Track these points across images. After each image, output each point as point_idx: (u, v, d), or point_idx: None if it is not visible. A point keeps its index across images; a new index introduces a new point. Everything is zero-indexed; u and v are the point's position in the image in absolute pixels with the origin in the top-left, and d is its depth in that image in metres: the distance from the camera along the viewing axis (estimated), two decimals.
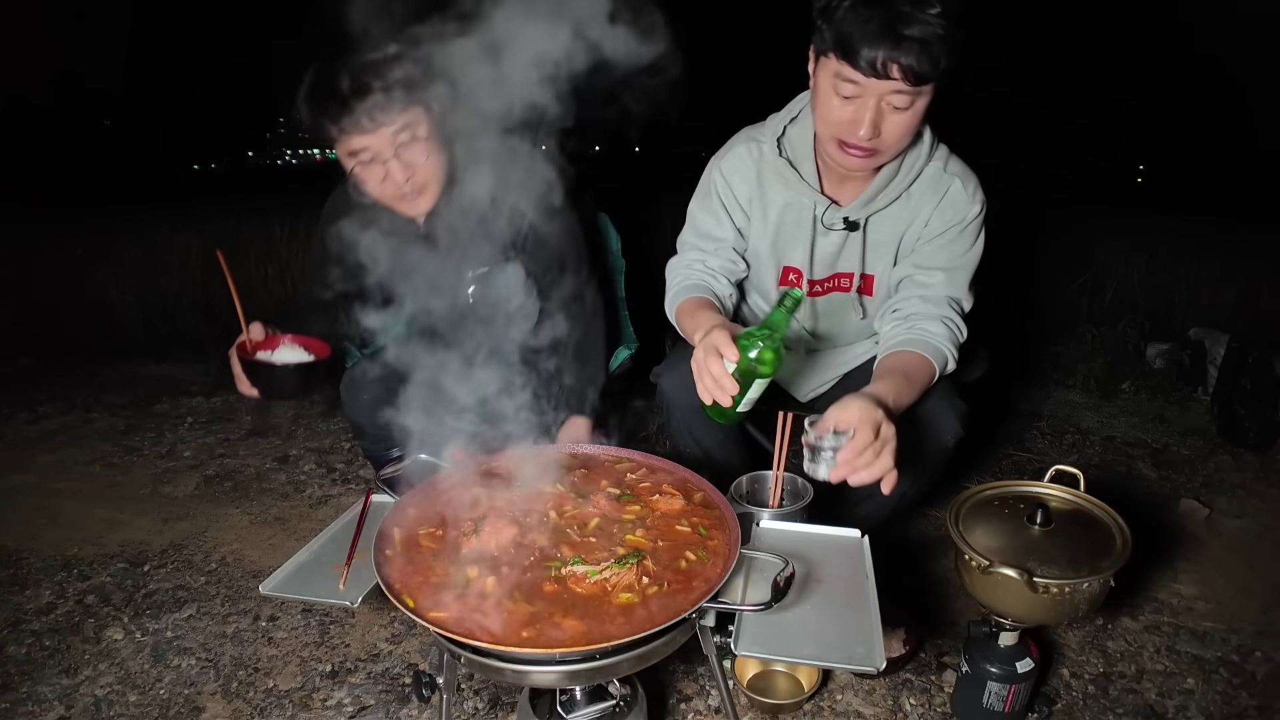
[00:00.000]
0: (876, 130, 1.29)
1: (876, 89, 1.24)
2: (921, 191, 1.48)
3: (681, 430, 1.63)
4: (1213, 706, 1.47)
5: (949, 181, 1.47)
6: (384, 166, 1.47)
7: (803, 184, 1.49)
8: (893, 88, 1.23)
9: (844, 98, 1.28)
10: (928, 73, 1.21)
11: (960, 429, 1.48)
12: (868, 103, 1.26)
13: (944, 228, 1.48)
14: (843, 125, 1.31)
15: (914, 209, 1.49)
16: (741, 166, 1.55)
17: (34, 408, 3.09)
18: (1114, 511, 1.26)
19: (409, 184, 1.50)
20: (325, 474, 2.49)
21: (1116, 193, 9.37)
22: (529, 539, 1.09)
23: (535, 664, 0.93)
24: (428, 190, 1.54)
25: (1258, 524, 2.12)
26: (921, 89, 1.24)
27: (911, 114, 1.28)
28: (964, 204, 1.47)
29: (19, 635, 1.70)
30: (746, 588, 1.10)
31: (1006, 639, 1.31)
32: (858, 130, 1.28)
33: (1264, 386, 2.52)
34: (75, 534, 2.13)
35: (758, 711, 1.45)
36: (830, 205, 1.49)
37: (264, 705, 1.48)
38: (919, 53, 1.18)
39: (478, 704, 1.46)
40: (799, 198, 1.51)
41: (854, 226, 1.49)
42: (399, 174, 1.48)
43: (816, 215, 1.50)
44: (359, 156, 1.46)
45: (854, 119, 1.29)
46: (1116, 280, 3.88)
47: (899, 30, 1.18)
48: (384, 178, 1.49)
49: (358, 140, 1.44)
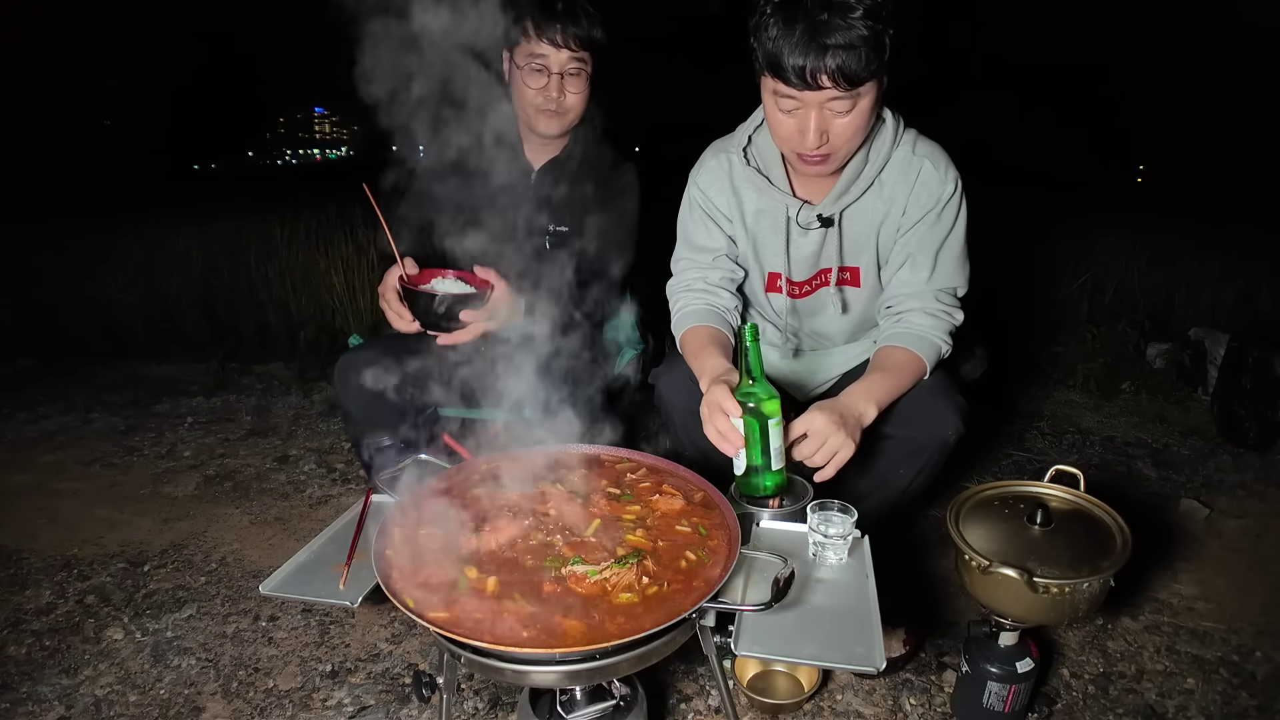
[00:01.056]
0: (824, 137, 1.31)
1: (814, 99, 1.27)
2: (893, 178, 1.48)
3: (679, 431, 1.63)
4: (1213, 706, 1.47)
5: (919, 164, 1.46)
6: (549, 78, 1.69)
7: (773, 189, 1.51)
8: (828, 95, 1.26)
9: (786, 112, 1.32)
10: (857, 75, 1.22)
11: (961, 425, 1.48)
12: (809, 113, 1.29)
13: (922, 213, 1.47)
14: (792, 138, 1.34)
15: (888, 197, 1.49)
16: (716, 179, 1.59)
17: (34, 408, 3.09)
18: (1114, 511, 1.26)
19: (558, 102, 1.71)
20: (325, 474, 2.49)
21: (1116, 193, 9.37)
22: (529, 539, 1.09)
23: (535, 664, 0.93)
24: (567, 115, 1.75)
25: (1258, 524, 2.12)
26: (858, 90, 1.26)
27: (856, 114, 1.30)
28: (937, 184, 1.46)
29: (19, 635, 1.70)
30: (746, 588, 1.10)
31: (1006, 639, 1.31)
32: (805, 140, 1.32)
33: (1264, 386, 2.53)
34: (75, 534, 2.13)
35: (758, 711, 1.45)
36: (803, 205, 1.50)
37: (264, 705, 1.48)
38: (845, 58, 1.20)
39: (478, 704, 1.46)
40: (772, 202, 1.53)
41: (829, 223, 1.50)
42: (555, 89, 1.70)
43: (790, 217, 1.52)
44: (535, 61, 1.67)
45: (800, 129, 1.32)
46: (1116, 280, 3.88)
47: (821, 40, 1.20)
48: (544, 85, 1.69)
49: (545, 48, 1.66)
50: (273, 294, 4.14)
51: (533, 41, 1.66)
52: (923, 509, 2.08)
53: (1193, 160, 12.06)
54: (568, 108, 1.74)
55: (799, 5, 1.22)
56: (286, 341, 3.83)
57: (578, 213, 1.81)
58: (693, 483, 1.25)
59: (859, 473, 1.63)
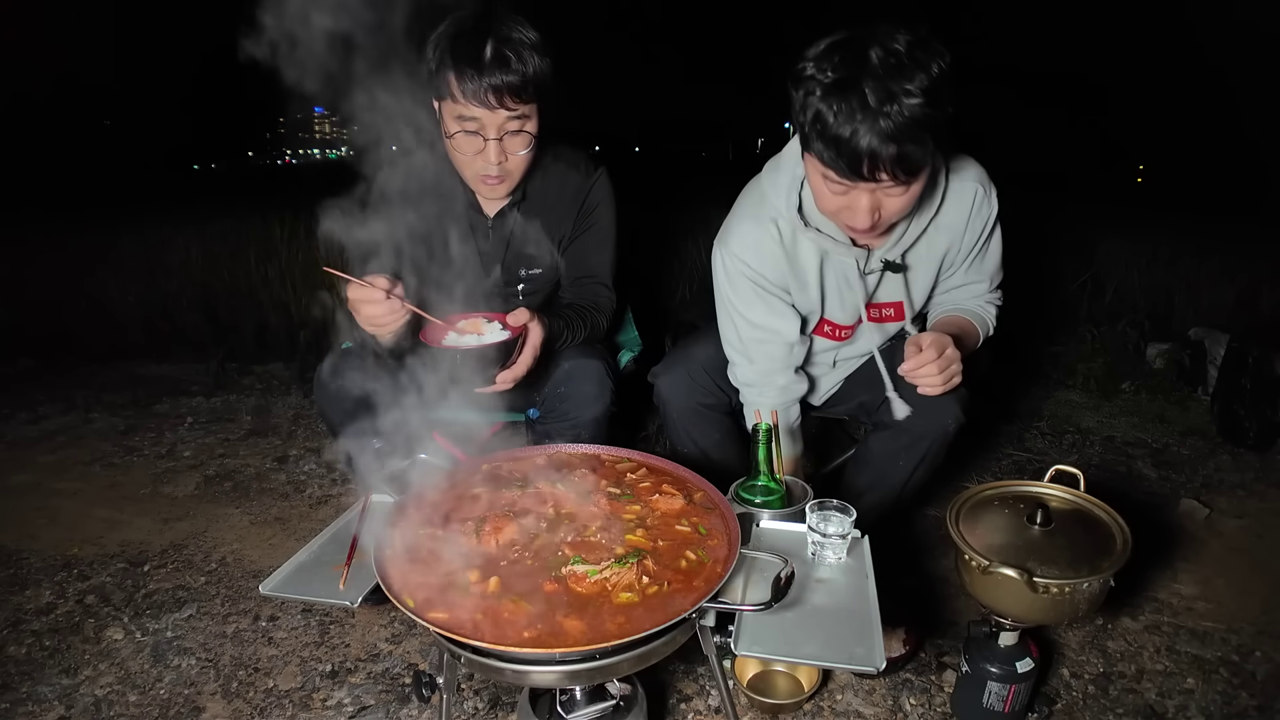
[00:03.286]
0: (878, 215, 1.26)
1: (867, 185, 1.20)
2: (950, 212, 1.46)
3: (678, 430, 1.63)
4: (1213, 706, 1.47)
5: (972, 189, 1.45)
6: (485, 142, 1.47)
7: (837, 244, 1.44)
8: (886, 186, 1.20)
9: (836, 193, 1.25)
10: (917, 164, 1.15)
11: (961, 415, 1.48)
12: (861, 198, 1.22)
13: (980, 235, 1.51)
14: (841, 213, 1.29)
15: (946, 226, 1.48)
16: (764, 250, 1.47)
17: (34, 408, 3.09)
18: (1114, 511, 1.26)
19: (499, 167, 1.50)
20: (325, 474, 2.49)
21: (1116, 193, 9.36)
22: (529, 539, 1.09)
23: (535, 664, 0.93)
24: (508, 180, 1.56)
25: (1258, 524, 2.12)
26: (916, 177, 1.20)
27: (910, 194, 1.24)
28: (989, 205, 1.49)
29: (19, 635, 1.70)
30: (746, 588, 1.10)
31: (1006, 639, 1.31)
32: (856, 218, 1.25)
33: (1264, 386, 2.52)
34: (75, 534, 2.13)
35: (758, 711, 1.45)
36: (869, 255, 1.47)
37: (264, 705, 1.48)
38: (900, 153, 1.11)
39: (478, 704, 1.46)
40: (835, 256, 1.47)
41: (897, 268, 1.47)
42: (494, 154, 1.48)
43: (861, 269, 1.47)
44: (466, 124, 1.45)
45: (850, 208, 1.25)
46: (1116, 280, 3.88)
47: (879, 126, 1.10)
48: (479, 151, 1.49)
49: (475, 109, 1.43)
50: (273, 294, 4.14)
51: (460, 103, 1.42)
52: (922, 509, 2.08)
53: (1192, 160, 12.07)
54: (510, 170, 1.53)
55: (853, 88, 1.10)
56: (286, 341, 3.82)
57: (547, 250, 1.71)
58: (693, 483, 1.25)
59: (858, 468, 1.64)
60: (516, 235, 1.69)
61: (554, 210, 1.70)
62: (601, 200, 1.72)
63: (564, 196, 1.69)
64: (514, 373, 1.42)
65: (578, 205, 1.70)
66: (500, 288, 1.73)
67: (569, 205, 1.70)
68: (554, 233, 1.72)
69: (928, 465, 1.55)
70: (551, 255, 1.74)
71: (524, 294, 1.75)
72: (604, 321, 1.75)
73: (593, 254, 1.74)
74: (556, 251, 1.74)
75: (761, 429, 1.32)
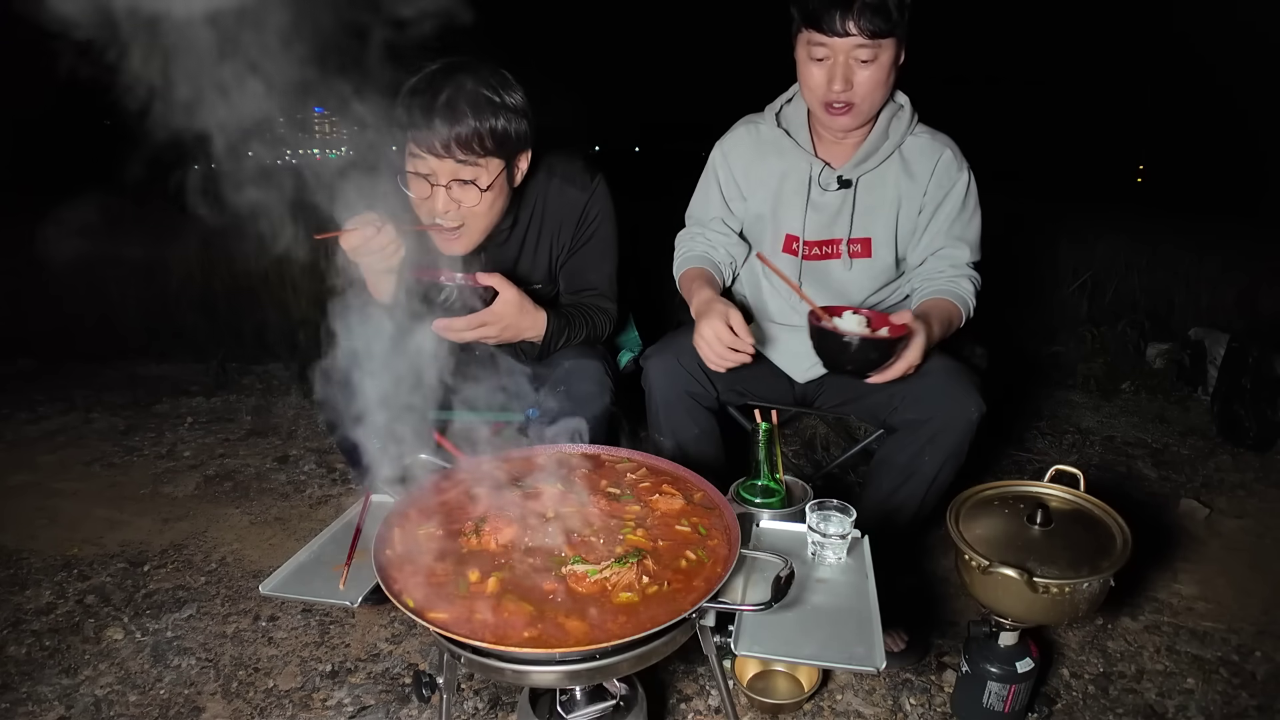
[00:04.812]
0: (849, 84, 1.47)
1: (842, 47, 1.45)
2: (915, 156, 1.61)
3: (659, 419, 1.62)
4: (1213, 706, 1.47)
5: (940, 150, 1.61)
6: (432, 189, 1.46)
7: (799, 150, 1.64)
8: (855, 43, 1.43)
9: (817, 60, 1.49)
10: (881, 28, 1.42)
11: (982, 403, 1.47)
12: (837, 60, 1.47)
13: (942, 195, 1.61)
14: (821, 86, 1.50)
15: (911, 173, 1.61)
16: (739, 144, 1.72)
17: (34, 408, 3.09)
18: (1114, 511, 1.26)
19: (447, 216, 1.48)
20: (325, 474, 2.49)
21: (1116, 192, 9.36)
22: (529, 538, 1.09)
23: (535, 664, 0.93)
24: (465, 235, 1.52)
25: (1258, 524, 2.12)
26: (880, 43, 1.44)
27: (877, 67, 1.47)
28: (956, 170, 1.61)
29: (19, 635, 1.70)
30: (746, 588, 1.10)
31: (1006, 639, 1.31)
32: (833, 86, 1.48)
33: (1264, 386, 2.53)
34: (75, 534, 2.13)
35: (758, 711, 1.45)
36: (825, 167, 1.62)
37: (264, 705, 1.48)
38: (871, 12, 1.41)
39: (478, 704, 1.46)
40: (795, 163, 1.65)
41: (846, 184, 1.62)
42: (440, 204, 1.46)
43: (812, 176, 1.63)
44: (415, 165, 1.45)
45: (829, 77, 1.49)
46: (1116, 280, 3.88)
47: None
48: (427, 197, 1.47)
49: (424, 153, 1.43)
50: (273, 294, 4.14)
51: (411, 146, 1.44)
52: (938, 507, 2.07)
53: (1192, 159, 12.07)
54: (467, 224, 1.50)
55: None
56: (286, 341, 3.82)
57: (545, 266, 1.72)
58: (693, 483, 1.25)
59: (880, 473, 1.61)
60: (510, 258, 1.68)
61: (550, 230, 1.69)
62: (600, 211, 1.71)
63: (561, 212, 1.68)
64: (452, 323, 1.44)
65: (575, 219, 1.69)
66: None
67: (567, 220, 1.69)
68: (551, 252, 1.71)
69: (954, 462, 1.51)
70: (549, 268, 1.73)
71: None
72: (606, 323, 1.74)
73: (591, 267, 1.73)
74: (554, 266, 1.73)
75: (762, 429, 1.33)
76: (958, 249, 1.62)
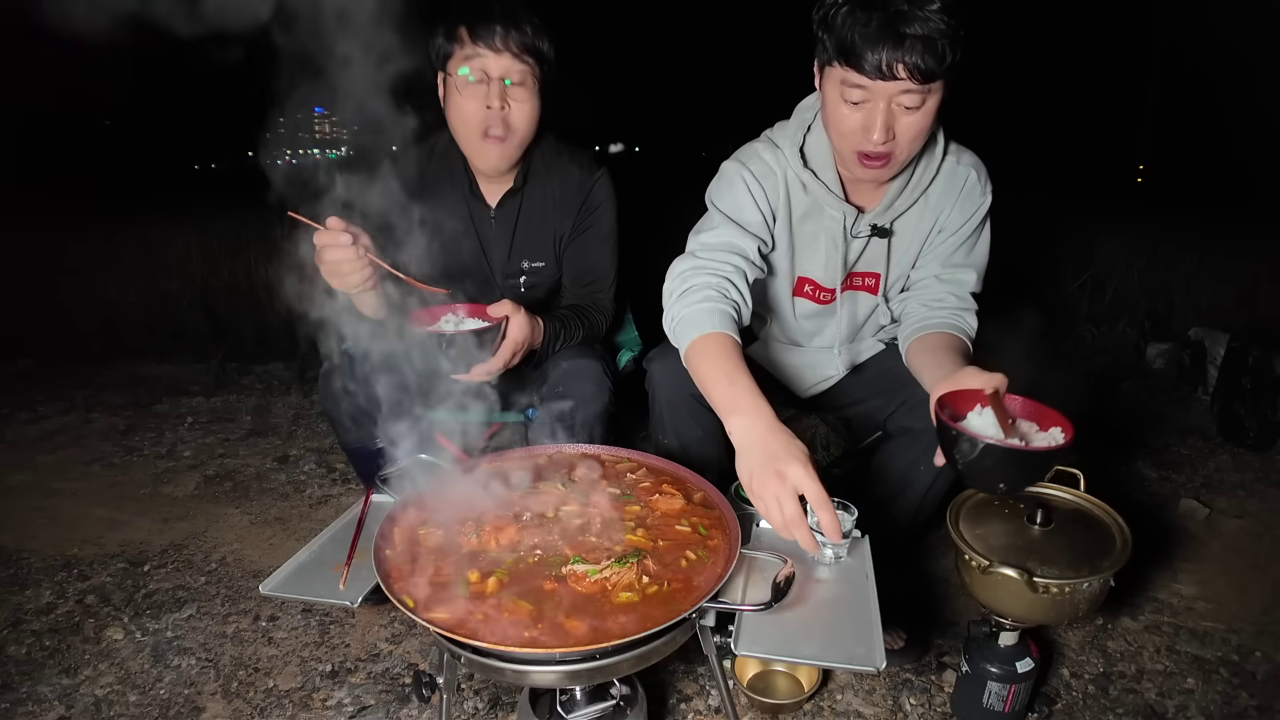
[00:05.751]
0: (890, 133, 1.28)
1: (884, 91, 1.24)
2: (940, 189, 1.49)
3: (662, 419, 1.61)
4: (1213, 706, 1.47)
5: (965, 173, 1.49)
6: (488, 91, 1.49)
7: (828, 194, 1.46)
8: (901, 88, 1.23)
9: (853, 104, 1.28)
10: (934, 69, 1.20)
11: None
12: (878, 106, 1.25)
13: (964, 221, 1.50)
14: (855, 134, 1.30)
15: (935, 206, 1.50)
16: (768, 173, 1.50)
17: (34, 408, 3.09)
18: (1114, 511, 1.26)
19: (500, 117, 1.51)
20: (325, 474, 2.49)
21: (1116, 192, 9.36)
22: (529, 538, 1.09)
23: (535, 664, 0.93)
24: (511, 138, 1.55)
25: (1258, 524, 2.12)
26: (930, 86, 1.24)
27: (923, 114, 1.27)
28: (979, 195, 1.50)
29: (19, 635, 1.70)
30: (746, 588, 1.10)
31: (1006, 639, 1.31)
32: (871, 135, 1.27)
33: (1264, 386, 2.53)
34: (75, 534, 2.13)
35: (758, 711, 1.45)
36: (858, 215, 1.49)
37: (264, 705, 1.48)
38: (923, 50, 1.18)
39: (478, 704, 1.46)
40: (820, 207, 1.49)
41: (884, 233, 1.49)
42: (497, 101, 1.50)
43: (846, 226, 1.49)
44: (473, 68, 1.48)
45: (866, 124, 1.28)
46: (1116, 280, 3.88)
47: (900, 29, 1.18)
48: (482, 99, 1.50)
49: (482, 51, 1.47)
50: (273, 294, 4.14)
51: (466, 47, 1.48)
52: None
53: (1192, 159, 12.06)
54: (514, 127, 1.54)
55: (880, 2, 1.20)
56: (286, 341, 3.82)
57: (549, 243, 1.73)
58: (693, 483, 1.25)
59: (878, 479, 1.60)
60: (519, 225, 1.70)
61: (555, 204, 1.71)
62: (603, 200, 1.73)
63: (566, 191, 1.70)
64: (489, 366, 1.43)
65: (579, 202, 1.71)
66: (502, 279, 1.73)
67: (571, 201, 1.71)
68: (555, 231, 1.72)
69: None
70: (553, 248, 1.74)
71: (526, 286, 1.75)
72: (603, 321, 1.75)
73: (593, 254, 1.74)
74: (556, 250, 1.74)
75: None
76: (964, 273, 1.52)
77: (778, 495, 1.06)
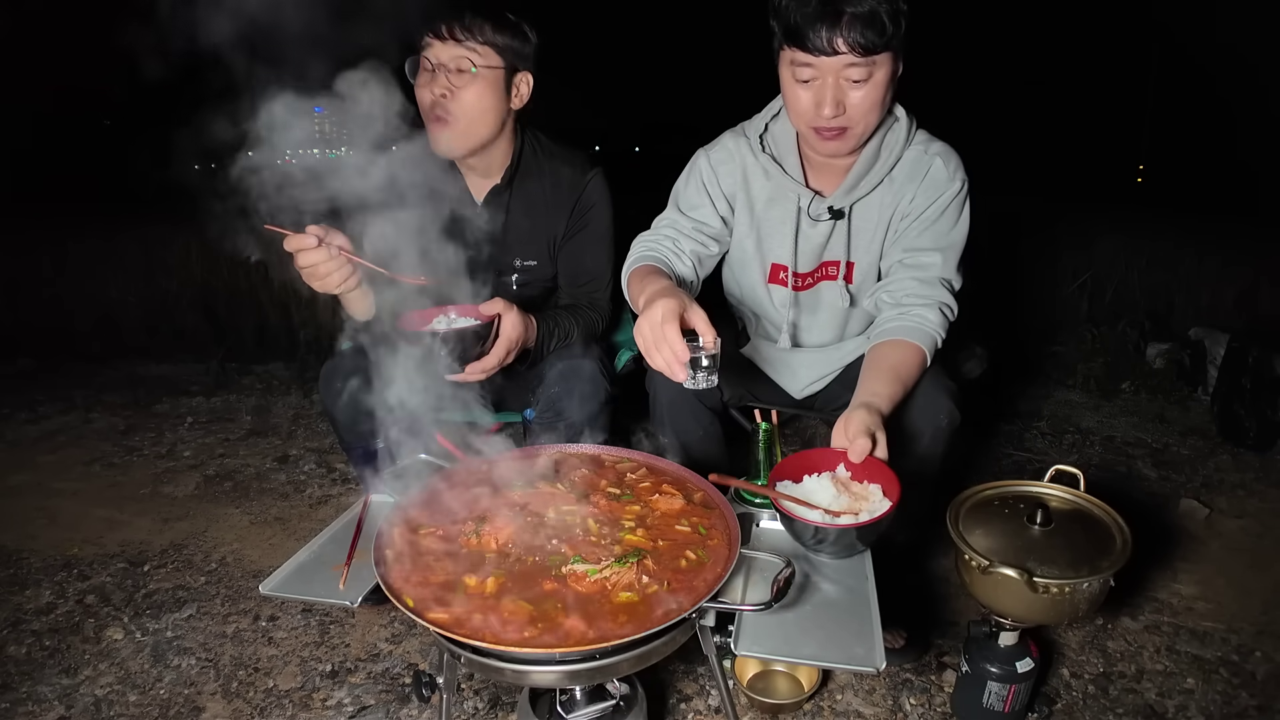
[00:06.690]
0: (841, 107, 1.33)
1: (830, 67, 1.30)
2: (904, 175, 1.50)
3: (662, 419, 1.62)
4: (1213, 706, 1.47)
5: (930, 161, 1.49)
6: (431, 76, 1.54)
7: (786, 178, 1.52)
8: (845, 62, 1.29)
9: (803, 83, 1.35)
10: (875, 42, 1.26)
11: (955, 409, 1.42)
12: (826, 82, 1.32)
13: (927, 205, 1.49)
14: (809, 111, 1.36)
15: (897, 192, 1.50)
16: (728, 159, 1.58)
17: (34, 408, 3.09)
18: (1114, 511, 1.26)
19: (440, 104, 1.54)
20: (325, 474, 2.49)
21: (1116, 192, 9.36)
22: (529, 538, 1.09)
23: (535, 664, 0.93)
24: (453, 125, 1.57)
25: (1258, 524, 2.12)
26: (874, 59, 1.29)
27: (871, 86, 1.32)
28: (945, 181, 1.49)
29: (19, 635, 1.70)
30: (746, 588, 1.10)
31: (1006, 639, 1.31)
32: (823, 110, 1.33)
33: (1264, 386, 2.53)
34: (75, 534, 2.13)
35: (758, 711, 1.45)
36: (815, 197, 1.52)
37: (264, 705, 1.48)
38: (863, 25, 1.25)
39: (478, 704, 1.46)
40: (783, 192, 1.54)
41: (839, 215, 1.51)
42: (439, 89, 1.54)
43: (801, 207, 1.53)
44: (425, 57, 1.54)
45: (817, 100, 1.34)
46: (1116, 280, 3.88)
47: (839, 7, 1.25)
48: (426, 84, 1.55)
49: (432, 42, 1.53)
50: (273, 294, 4.14)
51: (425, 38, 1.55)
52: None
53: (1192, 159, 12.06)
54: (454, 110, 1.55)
55: None
56: (286, 341, 3.83)
57: (542, 243, 1.73)
58: (693, 483, 1.25)
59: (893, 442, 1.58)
60: (509, 222, 1.70)
61: (547, 204, 1.71)
62: (597, 201, 1.73)
63: (558, 191, 1.71)
64: (484, 364, 1.45)
65: (571, 203, 1.71)
66: (493, 276, 1.73)
67: (563, 201, 1.71)
68: (548, 230, 1.72)
69: (929, 467, 1.47)
70: (547, 248, 1.74)
71: (518, 284, 1.75)
72: (600, 321, 1.75)
73: (588, 255, 1.74)
74: (550, 250, 1.74)
75: (762, 430, 1.33)
76: (928, 256, 1.48)
77: (650, 323, 1.20)
